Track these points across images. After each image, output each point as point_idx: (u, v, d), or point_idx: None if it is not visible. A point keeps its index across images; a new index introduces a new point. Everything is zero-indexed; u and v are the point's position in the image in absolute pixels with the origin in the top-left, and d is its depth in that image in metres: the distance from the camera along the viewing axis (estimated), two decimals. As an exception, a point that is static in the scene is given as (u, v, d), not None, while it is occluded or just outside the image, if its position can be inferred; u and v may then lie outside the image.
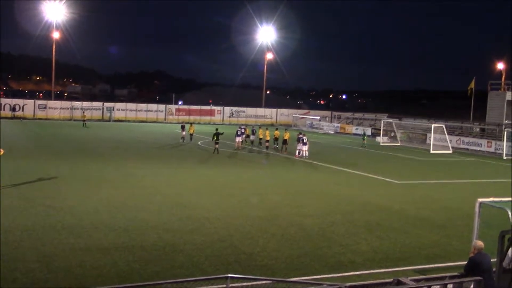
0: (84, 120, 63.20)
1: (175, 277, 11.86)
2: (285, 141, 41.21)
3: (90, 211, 18.26)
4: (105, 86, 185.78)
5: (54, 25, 77.95)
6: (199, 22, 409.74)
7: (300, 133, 40.51)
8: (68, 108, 73.80)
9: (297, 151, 38.60)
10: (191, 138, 46.51)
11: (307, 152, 38.16)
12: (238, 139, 42.80)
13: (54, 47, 78.71)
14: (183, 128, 47.19)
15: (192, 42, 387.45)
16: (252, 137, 46.42)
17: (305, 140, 38.46)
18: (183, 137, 46.59)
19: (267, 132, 44.05)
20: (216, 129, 38.92)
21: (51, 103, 75.05)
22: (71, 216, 17.45)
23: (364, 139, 51.81)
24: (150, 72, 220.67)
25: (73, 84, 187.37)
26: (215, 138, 38.03)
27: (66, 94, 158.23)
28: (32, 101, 75.86)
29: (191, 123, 51.31)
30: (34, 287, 11.30)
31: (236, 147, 42.18)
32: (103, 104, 77.93)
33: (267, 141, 43.28)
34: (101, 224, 16.54)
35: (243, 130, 44.06)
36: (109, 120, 73.72)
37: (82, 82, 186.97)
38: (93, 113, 73.99)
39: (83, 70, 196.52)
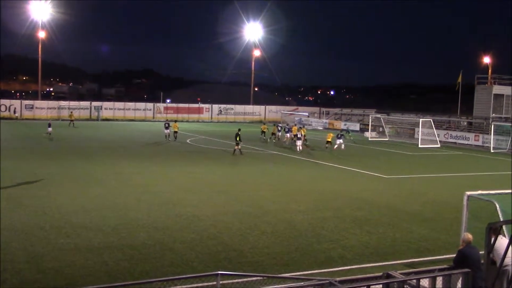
0: (71, 120, 62.79)
1: (165, 275, 11.86)
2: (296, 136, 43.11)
3: (79, 211, 18.19)
4: (92, 85, 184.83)
5: (40, 24, 77.44)
6: (186, 19, 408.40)
7: (299, 129, 43.40)
8: (55, 108, 73.35)
9: (298, 148, 40.35)
10: (175, 136, 46.32)
11: (301, 147, 39.98)
12: (288, 135, 45.63)
13: (40, 46, 78.19)
14: (167, 126, 47.18)
15: (179, 40, 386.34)
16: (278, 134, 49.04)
17: (299, 136, 40.70)
18: (167, 135, 46.64)
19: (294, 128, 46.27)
20: (239, 129, 39.05)
21: (38, 103, 74.57)
22: (60, 216, 17.37)
23: (349, 135, 51.26)
24: (138, 71, 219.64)
25: (60, 84, 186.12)
26: (238, 139, 37.30)
27: (53, 93, 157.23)
28: (19, 101, 75.34)
29: (175, 121, 51.11)
30: (23, 287, 11.24)
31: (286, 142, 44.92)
32: (90, 104, 77.54)
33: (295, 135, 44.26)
34: (90, 224, 16.48)
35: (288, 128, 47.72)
36: (97, 119, 73.37)
37: (69, 82, 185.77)
38: (81, 112, 73.62)
39: (70, 70, 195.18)
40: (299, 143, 40.27)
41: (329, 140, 43.57)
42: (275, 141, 47.77)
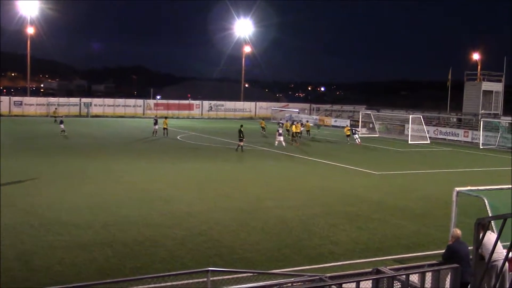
0: (55, 116, 62.04)
1: (156, 272, 11.85)
2: (296, 134, 44.36)
3: (69, 208, 18.12)
4: (82, 82, 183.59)
5: (29, 20, 76.87)
6: (176, 16, 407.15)
7: (280, 126, 44.25)
8: (44, 105, 72.82)
9: (276, 142, 40.77)
10: (164, 133, 46.33)
11: (283, 143, 40.62)
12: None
13: (29, 42, 77.67)
14: (155, 122, 47.45)
15: (169, 36, 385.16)
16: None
17: (280, 131, 41.49)
18: (155, 131, 46.94)
19: (293, 126, 46.15)
20: (241, 126, 39.29)
21: (27, 99, 73.99)
22: (50, 213, 17.30)
23: (318, 130, 52.28)
24: (128, 67, 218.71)
25: (49, 80, 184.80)
26: (241, 136, 37.45)
27: (42, 90, 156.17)
28: (8, 97, 74.73)
29: (165, 117, 51.15)
30: (13, 285, 11.19)
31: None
32: (80, 100, 77.06)
33: (295, 133, 45.07)
34: (80, 221, 16.42)
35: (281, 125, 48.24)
36: (87, 116, 72.98)
37: (58, 78, 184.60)
38: (70, 109, 73.13)
39: (59, 66, 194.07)
40: (280, 138, 40.76)
41: (348, 134, 47.95)
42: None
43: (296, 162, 32.92)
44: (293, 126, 45.65)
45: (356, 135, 47.08)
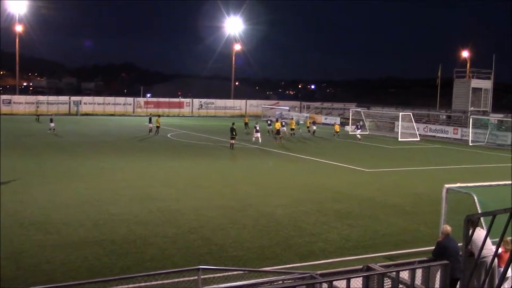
0: (37, 115, 61.47)
1: (147, 270, 11.83)
2: (278, 131, 44.64)
3: (59, 206, 18.03)
4: (71, 80, 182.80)
5: (17, 18, 76.31)
6: (166, 13, 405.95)
7: (257, 123, 44.99)
8: (34, 103, 72.25)
9: (253, 138, 41.81)
10: (156, 131, 46.29)
11: (260, 139, 41.44)
12: (285, 128, 47.66)
13: (17, 40, 77.07)
14: (150, 120, 47.61)
15: (159, 33, 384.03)
16: (268, 128, 50.77)
17: (257, 128, 42.16)
18: (150, 129, 47.04)
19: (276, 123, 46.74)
20: (233, 123, 39.53)
21: (16, 98, 73.41)
22: (40, 212, 17.21)
23: (298, 127, 52.61)
24: (117, 65, 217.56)
25: (39, 78, 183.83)
26: (234, 133, 37.70)
27: (31, 88, 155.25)
28: (-4, 96, 74.20)
29: (158, 115, 51.15)
30: (2, 284, 11.11)
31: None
32: (69, 98, 76.59)
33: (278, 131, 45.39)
34: (70, 219, 16.34)
35: (284, 122, 50.22)
36: (76, 114, 72.60)
37: (47, 76, 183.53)
38: (60, 107, 72.66)
39: (49, 64, 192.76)
40: (257, 135, 41.43)
41: (338, 130, 51.62)
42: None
43: (287, 160, 32.95)
44: (276, 123, 45.86)
45: (359, 130, 50.13)
